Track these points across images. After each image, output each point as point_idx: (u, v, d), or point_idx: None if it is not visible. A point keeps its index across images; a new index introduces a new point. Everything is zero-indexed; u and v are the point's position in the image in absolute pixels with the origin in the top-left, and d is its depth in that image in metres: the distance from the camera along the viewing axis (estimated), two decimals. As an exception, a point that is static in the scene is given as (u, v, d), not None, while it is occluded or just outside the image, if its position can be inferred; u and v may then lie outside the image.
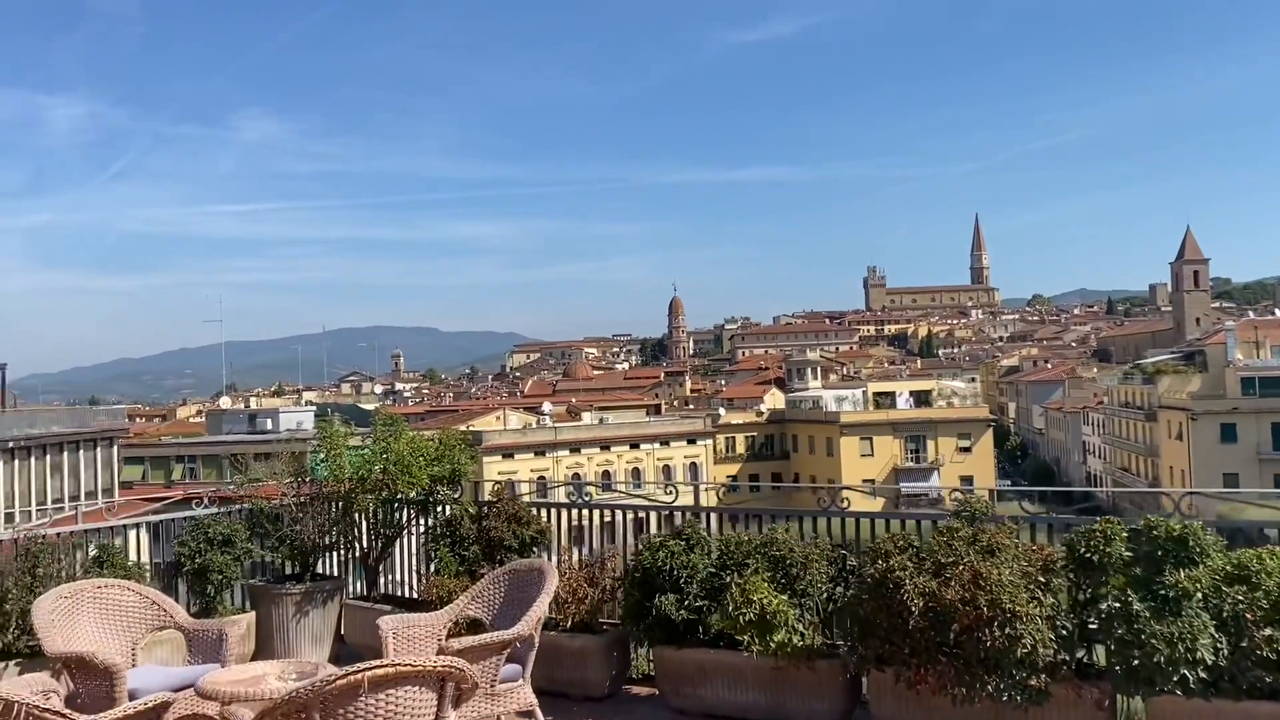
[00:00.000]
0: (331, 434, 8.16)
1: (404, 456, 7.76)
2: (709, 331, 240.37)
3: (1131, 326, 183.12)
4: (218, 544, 7.60)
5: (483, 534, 7.41)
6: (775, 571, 5.96)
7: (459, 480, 8.07)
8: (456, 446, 8.01)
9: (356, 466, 7.87)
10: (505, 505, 7.53)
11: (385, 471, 7.82)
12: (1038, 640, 4.98)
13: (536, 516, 7.59)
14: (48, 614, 5.47)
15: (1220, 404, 67.63)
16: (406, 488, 7.68)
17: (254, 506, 8.33)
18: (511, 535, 7.26)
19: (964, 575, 5.12)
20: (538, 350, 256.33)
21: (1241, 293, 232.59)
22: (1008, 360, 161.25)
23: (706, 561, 6.31)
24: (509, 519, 7.38)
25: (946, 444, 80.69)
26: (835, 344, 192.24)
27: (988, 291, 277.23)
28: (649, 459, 75.92)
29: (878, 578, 5.35)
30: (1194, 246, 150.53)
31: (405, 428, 8.24)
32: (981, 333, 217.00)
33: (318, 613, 7.93)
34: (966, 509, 5.69)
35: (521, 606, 5.74)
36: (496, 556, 7.25)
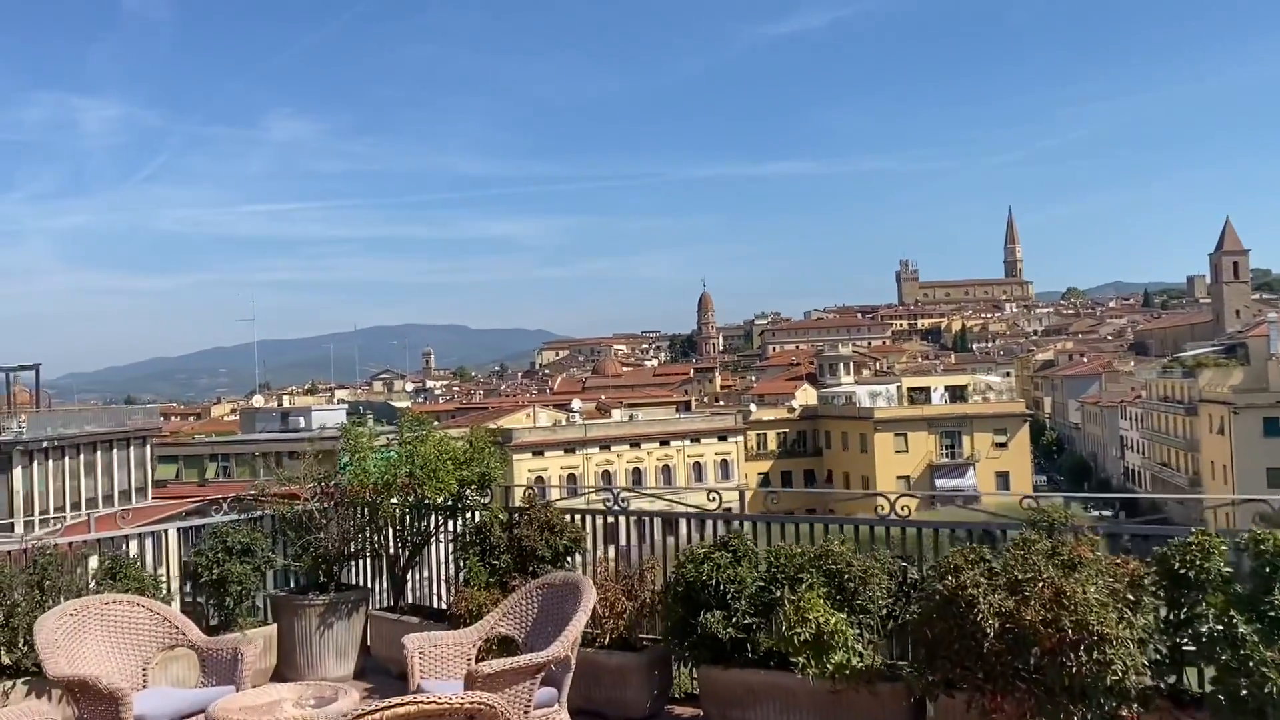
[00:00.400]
0: (355, 436, 7.77)
1: (431, 460, 7.36)
2: (739, 327, 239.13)
3: (1169, 319, 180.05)
4: (237, 553, 7.24)
5: (514, 542, 6.98)
6: (831, 586, 5.48)
7: (489, 485, 7.66)
8: (486, 449, 7.59)
9: (382, 470, 7.47)
10: (537, 512, 7.09)
11: (411, 476, 7.42)
12: (1129, 666, 4.48)
13: (570, 524, 7.15)
14: (51, 633, 5.12)
15: (1263, 397, 66.22)
16: (434, 493, 7.28)
17: (275, 512, 7.97)
18: (544, 545, 6.83)
19: (1044, 593, 4.62)
20: (567, 347, 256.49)
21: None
22: (1042, 354, 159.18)
23: (755, 575, 5.84)
24: (541, 527, 6.94)
25: (982, 440, 79.52)
26: (867, 339, 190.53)
27: (1021, 285, 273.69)
28: (679, 456, 75.43)
29: (947, 594, 4.86)
30: (1233, 237, 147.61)
31: (433, 429, 7.83)
32: (1016, 326, 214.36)
33: (342, 625, 7.56)
34: (1043, 518, 5.17)
35: (557, 624, 5.31)
36: (528, 567, 6.82)
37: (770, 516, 6.56)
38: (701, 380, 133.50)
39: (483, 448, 7.60)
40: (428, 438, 7.65)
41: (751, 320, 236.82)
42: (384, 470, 7.45)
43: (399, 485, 7.48)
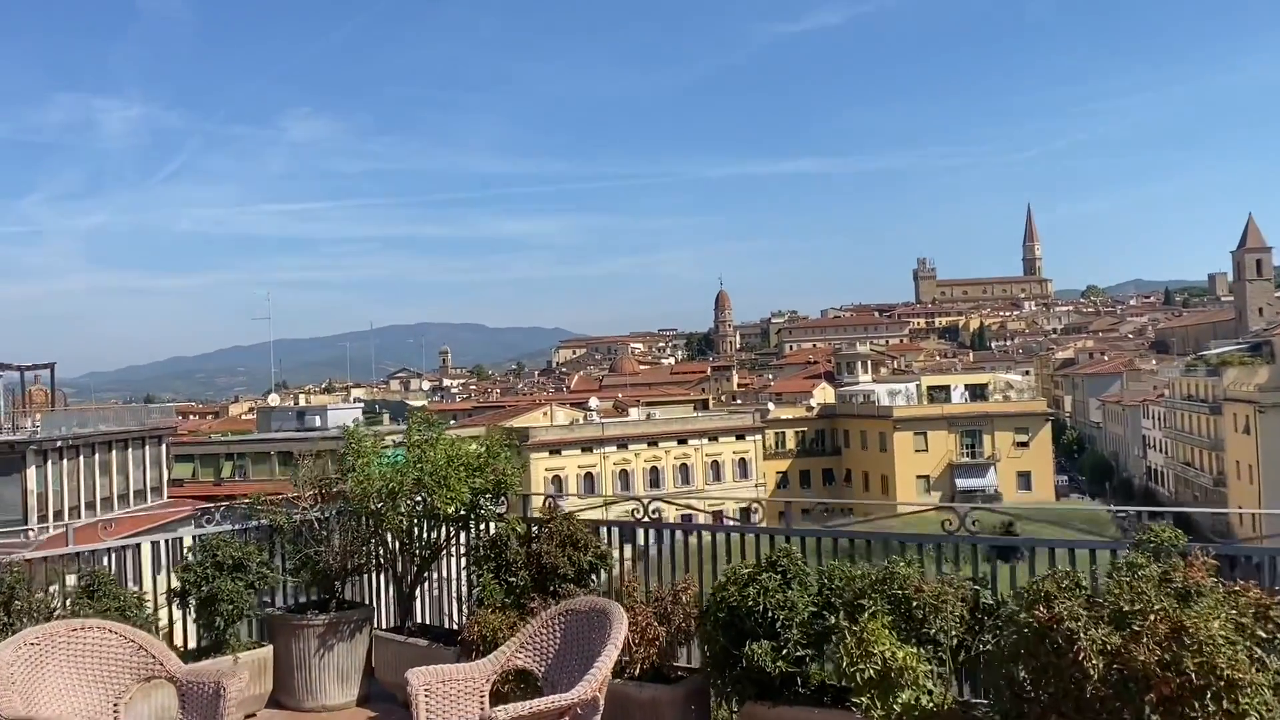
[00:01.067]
0: (358, 438, 7.09)
1: (441, 466, 6.67)
2: (755, 326, 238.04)
3: (1190, 317, 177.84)
4: (228, 569, 6.57)
5: (532, 558, 6.29)
6: (897, 614, 4.77)
7: (505, 493, 6.97)
8: (502, 454, 6.90)
9: (387, 477, 6.78)
10: (558, 525, 6.39)
11: (419, 483, 6.73)
12: (1266, 717, 3.76)
13: (595, 538, 6.45)
14: (6, 667, 4.47)
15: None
16: (444, 503, 6.59)
17: (272, 522, 7.30)
18: (566, 561, 6.13)
19: (1159, 628, 3.90)
20: (584, 346, 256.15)
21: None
22: (1062, 353, 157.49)
23: (806, 600, 5.13)
24: (563, 541, 6.25)
25: (1003, 439, 78.51)
26: (885, 337, 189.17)
27: (1040, 283, 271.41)
28: (697, 455, 74.76)
29: (1038, 627, 4.15)
30: (1256, 234, 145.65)
31: (444, 431, 7.15)
32: (1035, 325, 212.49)
33: (344, 646, 6.88)
34: (1151, 537, 4.44)
35: (582, 658, 4.63)
36: (549, 586, 6.14)
37: (821, 530, 5.84)
38: (719, 379, 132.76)
39: (498, 452, 6.91)
40: (438, 441, 6.97)
41: (768, 318, 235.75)
42: (389, 476, 6.76)
43: (406, 493, 6.79)
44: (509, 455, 6.89)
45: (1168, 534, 4.44)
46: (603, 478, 71.26)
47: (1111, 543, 4.80)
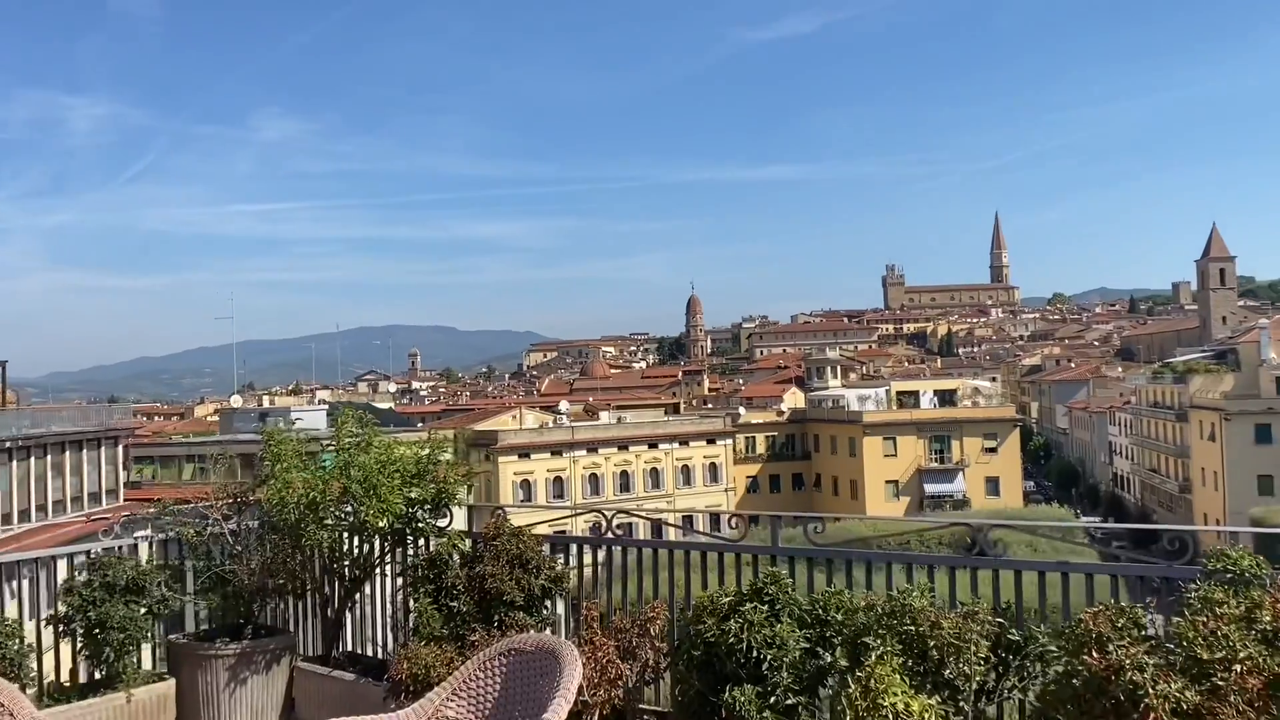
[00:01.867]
0: (278, 439, 6.14)
1: (372, 472, 5.75)
2: (727, 330, 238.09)
3: (1155, 325, 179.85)
4: (121, 591, 5.62)
5: (475, 582, 5.38)
6: (909, 655, 3.94)
7: (447, 504, 6.06)
8: (444, 460, 5.99)
9: (310, 485, 5.85)
10: (506, 542, 5.49)
11: (347, 493, 5.81)
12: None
13: (549, 558, 5.56)
14: None
15: (1255, 404, 65.42)
16: (374, 515, 5.67)
17: (180, 536, 6.33)
18: (514, 586, 5.23)
19: (1247, 683, 3.12)
20: (555, 349, 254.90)
21: (1267, 291, 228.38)
22: (1029, 359, 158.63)
23: (798, 635, 4.28)
24: (511, 561, 5.35)
25: (972, 444, 78.34)
26: (854, 343, 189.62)
27: (1008, 290, 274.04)
28: (667, 459, 74.01)
29: (1090, 678, 3.35)
30: (1220, 243, 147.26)
31: (377, 433, 6.22)
32: (1002, 331, 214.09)
33: (259, 680, 5.94)
34: (1229, 565, 3.64)
35: (526, 709, 3.77)
36: (494, 615, 5.24)
37: (814, 550, 4.98)
38: (690, 383, 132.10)
39: (439, 458, 5.99)
40: (370, 443, 6.05)
41: (739, 323, 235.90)
42: (311, 484, 5.82)
43: (330, 504, 5.86)
44: (454, 460, 5.99)
45: (1246, 560, 3.64)
46: (572, 482, 70.31)
47: (1156, 562, 4.00)
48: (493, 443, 68.78)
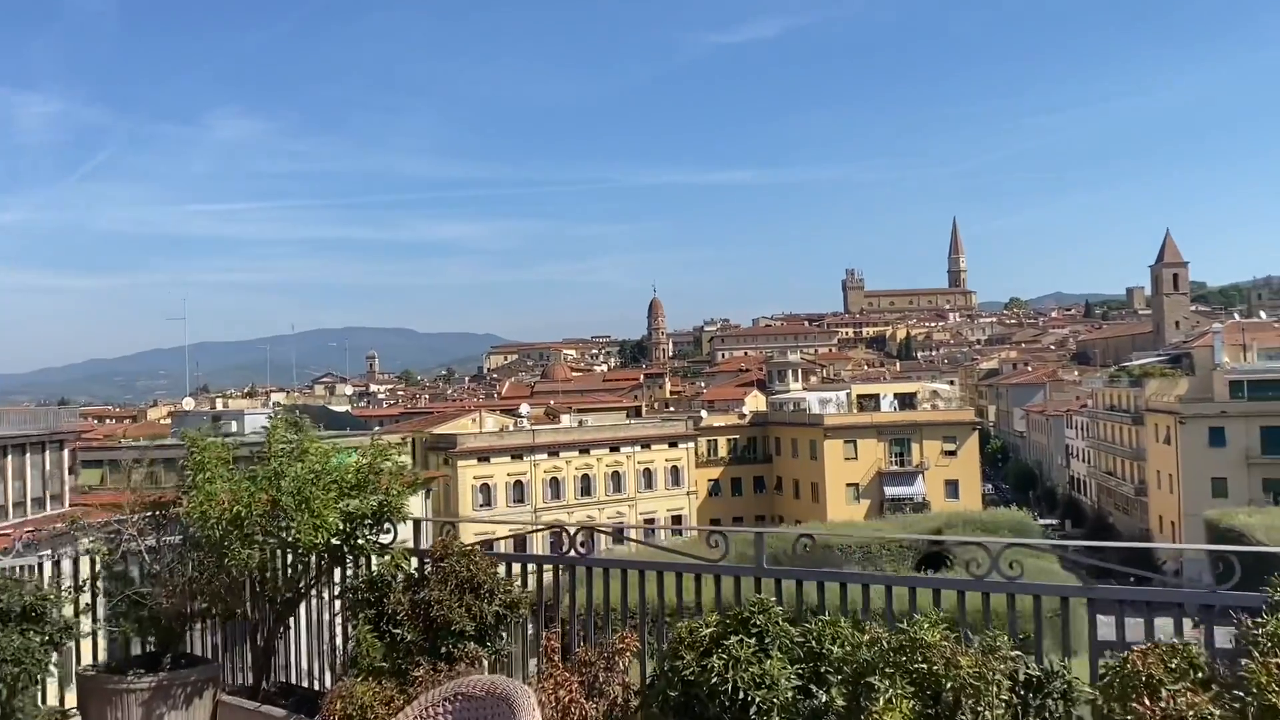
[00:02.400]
0: (202, 445, 5.47)
1: (305, 484, 5.11)
2: (688, 333, 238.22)
3: (1111, 329, 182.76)
4: (16, 619, 4.94)
5: (420, 609, 4.76)
6: (921, 697, 3.40)
7: (391, 519, 5.42)
8: (387, 469, 5.35)
9: (237, 498, 5.19)
10: (456, 562, 4.86)
11: (276, 506, 5.16)
12: None
13: (504, 581, 4.95)
14: None
15: (1209, 407, 66.25)
16: (306, 532, 5.03)
17: (92, 552, 5.63)
18: (464, 614, 4.62)
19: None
20: (515, 352, 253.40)
21: (1217, 297, 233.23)
22: (987, 363, 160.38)
23: (789, 672, 3.72)
24: (461, 585, 4.74)
25: (931, 447, 78.68)
26: (814, 346, 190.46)
27: (965, 294, 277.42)
28: (629, 462, 73.44)
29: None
30: (1173, 249, 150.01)
31: (314, 439, 5.58)
32: (959, 335, 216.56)
33: (178, 715, 5.26)
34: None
35: (474, 766, 3.20)
36: (441, 646, 4.62)
37: (804, 573, 4.43)
38: (652, 386, 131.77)
39: (382, 468, 5.36)
40: (305, 451, 5.41)
41: (701, 326, 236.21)
42: (238, 496, 5.17)
43: (258, 518, 5.20)
44: (399, 469, 5.37)
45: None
46: (533, 486, 69.48)
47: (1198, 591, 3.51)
48: (452, 446, 67.74)
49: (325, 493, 5.09)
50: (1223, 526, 48.63)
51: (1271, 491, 61.37)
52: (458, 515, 65.81)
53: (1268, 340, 77.18)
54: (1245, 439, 64.48)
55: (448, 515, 64.87)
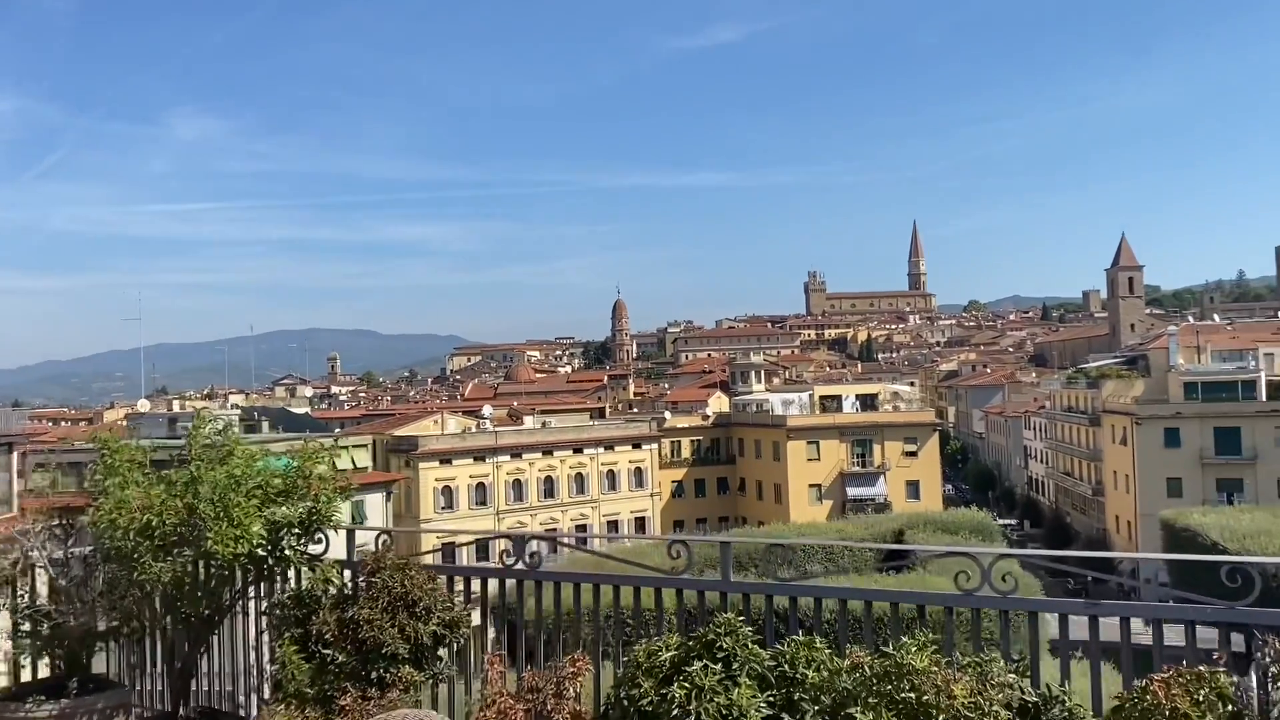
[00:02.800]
0: (115, 448, 4.96)
1: (224, 490, 4.61)
2: (652, 335, 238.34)
3: (1067, 332, 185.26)
4: (-106, 642, 4.41)
5: (348, 629, 4.29)
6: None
7: (321, 528, 4.94)
8: (316, 473, 4.87)
9: (150, 505, 4.68)
10: (390, 577, 4.40)
11: (194, 514, 4.65)
12: None
13: (445, 596, 4.49)
14: None
15: (1164, 409, 67.11)
16: (224, 543, 4.53)
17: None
18: (398, 635, 4.16)
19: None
20: (479, 353, 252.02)
21: (1171, 300, 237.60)
22: (946, 365, 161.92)
23: (759, 701, 3.31)
24: (394, 603, 4.28)
25: (893, 448, 78.98)
26: (777, 348, 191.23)
27: (925, 297, 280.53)
28: (593, 464, 72.97)
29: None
30: (1129, 253, 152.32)
31: (240, 441, 5.08)
32: (919, 337, 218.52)
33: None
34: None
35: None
36: (372, 670, 4.17)
37: (775, 586, 4.01)
38: (615, 387, 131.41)
39: (311, 472, 4.87)
40: (231, 453, 4.91)
41: (665, 328, 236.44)
42: (152, 503, 4.66)
43: (172, 528, 4.69)
44: (331, 477, 4.88)
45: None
46: (495, 488, 68.74)
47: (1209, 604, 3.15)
48: (413, 448, 66.81)
49: (248, 500, 4.60)
50: (1178, 526, 49.19)
51: (1225, 491, 62.30)
52: (418, 520, 64.85)
53: (1221, 343, 78.39)
54: (1199, 440, 65.38)
55: (407, 520, 63.87)
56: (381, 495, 55.17)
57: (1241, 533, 43.96)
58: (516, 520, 68.90)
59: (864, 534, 37.92)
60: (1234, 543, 42.92)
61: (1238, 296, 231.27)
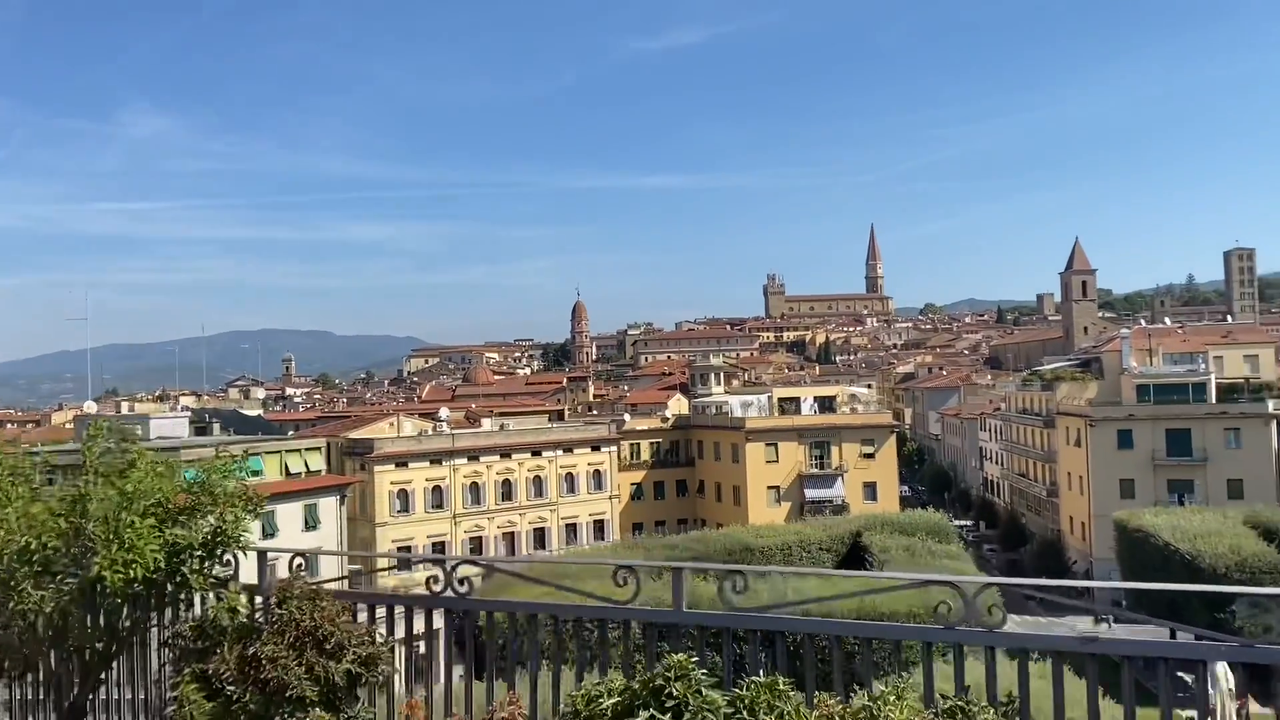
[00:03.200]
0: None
1: (114, 509, 4.09)
2: (612, 337, 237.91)
3: (1022, 335, 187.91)
4: None
5: (249, 668, 3.79)
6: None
7: (228, 548, 4.43)
8: (221, 490, 4.36)
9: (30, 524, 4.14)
10: (298, 608, 3.91)
11: (79, 535, 4.13)
12: None
13: (361, 630, 4.01)
14: None
15: (1117, 411, 68.02)
16: (114, 568, 4.01)
17: None
18: (305, 676, 3.67)
19: None
20: (437, 355, 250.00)
21: (1122, 303, 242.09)
22: (903, 367, 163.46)
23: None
24: (303, 638, 3.78)
25: (850, 450, 79.29)
26: (736, 350, 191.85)
27: (882, 300, 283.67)
28: (551, 467, 72.34)
29: None
30: (1082, 257, 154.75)
31: (143, 451, 4.55)
32: (877, 340, 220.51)
33: (-44, 799, 4.23)
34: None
35: None
36: (275, 716, 3.68)
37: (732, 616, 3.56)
38: (575, 389, 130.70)
39: (217, 487, 4.36)
40: (133, 465, 4.39)
41: (625, 330, 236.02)
42: (31, 524, 4.12)
43: (55, 551, 4.16)
44: (243, 495, 4.36)
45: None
46: (452, 491, 67.87)
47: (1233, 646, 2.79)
48: (368, 451, 65.76)
49: (143, 519, 4.08)
50: (1131, 527, 49.89)
51: (1176, 492, 63.28)
52: (373, 523, 63.77)
53: (1172, 345, 79.66)
54: (1151, 441, 66.34)
55: (362, 523, 62.72)
56: (335, 499, 54.15)
57: (1192, 533, 44.65)
58: (474, 524, 68.05)
59: (822, 536, 37.82)
60: (1185, 543, 43.57)
61: (1187, 300, 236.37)
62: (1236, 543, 42.62)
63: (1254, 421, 64.34)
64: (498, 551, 69.16)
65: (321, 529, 52.42)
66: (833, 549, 37.50)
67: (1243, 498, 58.51)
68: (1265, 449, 63.94)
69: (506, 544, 69.75)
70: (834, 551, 37.63)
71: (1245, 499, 57.22)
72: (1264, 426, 64.11)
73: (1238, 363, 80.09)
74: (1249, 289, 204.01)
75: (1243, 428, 64.36)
